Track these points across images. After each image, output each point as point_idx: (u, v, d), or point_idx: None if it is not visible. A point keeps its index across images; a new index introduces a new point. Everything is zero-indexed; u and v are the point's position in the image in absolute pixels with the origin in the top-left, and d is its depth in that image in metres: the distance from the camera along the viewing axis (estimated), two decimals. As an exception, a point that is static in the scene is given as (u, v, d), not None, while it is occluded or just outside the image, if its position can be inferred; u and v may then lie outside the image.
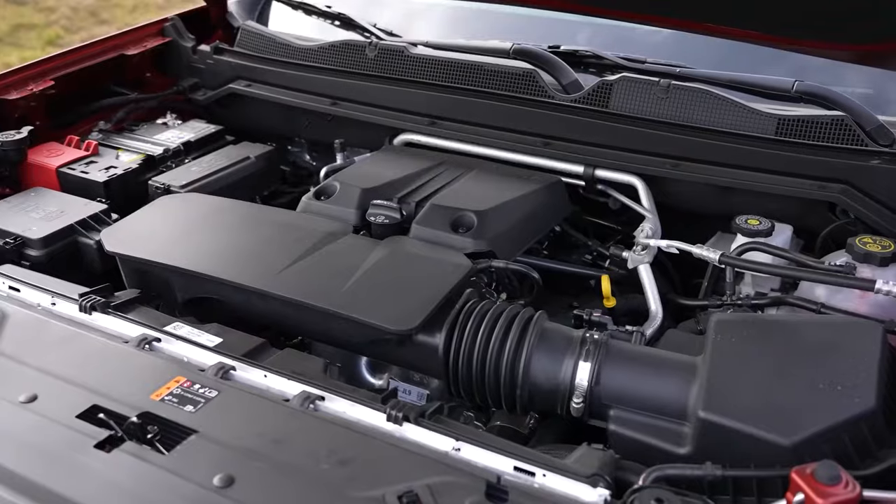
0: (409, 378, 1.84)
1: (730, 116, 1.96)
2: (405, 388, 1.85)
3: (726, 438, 1.30)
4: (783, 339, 1.45)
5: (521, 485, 1.20)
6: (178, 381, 1.38)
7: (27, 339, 1.50)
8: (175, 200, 1.94)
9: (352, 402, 1.35)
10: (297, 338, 1.91)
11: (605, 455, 1.26)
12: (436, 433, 1.28)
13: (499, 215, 1.80)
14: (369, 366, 1.89)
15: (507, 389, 1.46)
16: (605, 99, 2.07)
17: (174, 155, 2.28)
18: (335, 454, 1.23)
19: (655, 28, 2.33)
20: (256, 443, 1.25)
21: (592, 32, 2.63)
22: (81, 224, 1.91)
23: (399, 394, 1.84)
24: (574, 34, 2.57)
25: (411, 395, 1.85)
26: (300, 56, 2.47)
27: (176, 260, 1.67)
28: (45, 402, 1.32)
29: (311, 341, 1.90)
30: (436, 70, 2.25)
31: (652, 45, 2.38)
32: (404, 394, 1.85)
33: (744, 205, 1.98)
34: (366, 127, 2.34)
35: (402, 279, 1.60)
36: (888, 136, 1.89)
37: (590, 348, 1.44)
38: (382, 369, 1.88)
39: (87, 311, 1.57)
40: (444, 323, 1.51)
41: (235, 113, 2.61)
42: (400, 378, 1.86)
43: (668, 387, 1.39)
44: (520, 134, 2.13)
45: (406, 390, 1.85)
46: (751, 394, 1.33)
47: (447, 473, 1.19)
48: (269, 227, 1.79)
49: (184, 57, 2.66)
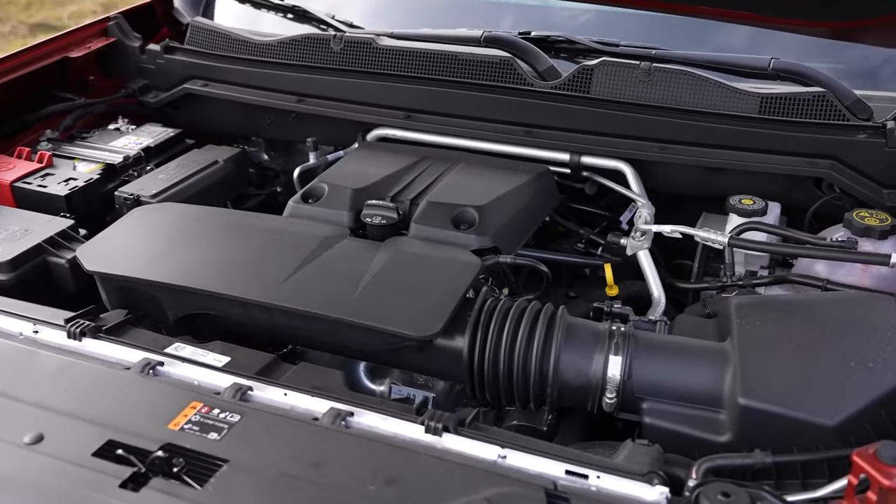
0: (412, 382, 1.79)
1: (713, 97, 1.96)
2: (409, 393, 1.79)
3: (767, 424, 1.29)
4: (805, 318, 1.45)
5: (578, 489, 1.16)
6: (194, 408, 1.29)
7: (17, 372, 1.38)
8: (151, 211, 1.82)
9: (384, 416, 1.29)
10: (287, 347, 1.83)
11: (654, 451, 1.24)
12: (479, 441, 1.23)
13: (498, 209, 1.76)
14: (368, 371, 1.83)
15: (537, 389, 1.42)
16: (586, 84, 2.04)
17: (135, 162, 2.16)
18: (380, 473, 1.17)
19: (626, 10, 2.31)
20: (294, 468, 1.17)
21: (563, 17, 2.62)
22: (50, 242, 1.77)
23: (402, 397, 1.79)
24: (539, 19, 2.55)
25: (416, 398, 1.79)
26: (260, 52, 2.36)
27: (166, 276, 1.57)
28: (53, 441, 1.21)
29: (304, 350, 1.83)
30: (408, 61, 2.18)
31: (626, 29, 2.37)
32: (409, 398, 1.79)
33: (729, 185, 1.99)
34: (335, 123, 2.26)
35: (413, 282, 1.54)
36: (866, 109, 1.93)
37: (618, 341, 1.41)
38: (383, 374, 1.81)
39: (76, 337, 1.46)
40: (465, 325, 1.46)
41: (190, 114, 2.48)
42: (402, 382, 1.80)
43: (701, 375, 1.38)
44: (501, 124, 2.08)
45: (410, 394, 1.79)
46: (786, 377, 1.33)
47: (502, 484, 1.15)
48: (260, 234, 1.70)
49: (131, 57, 2.52)
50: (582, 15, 2.65)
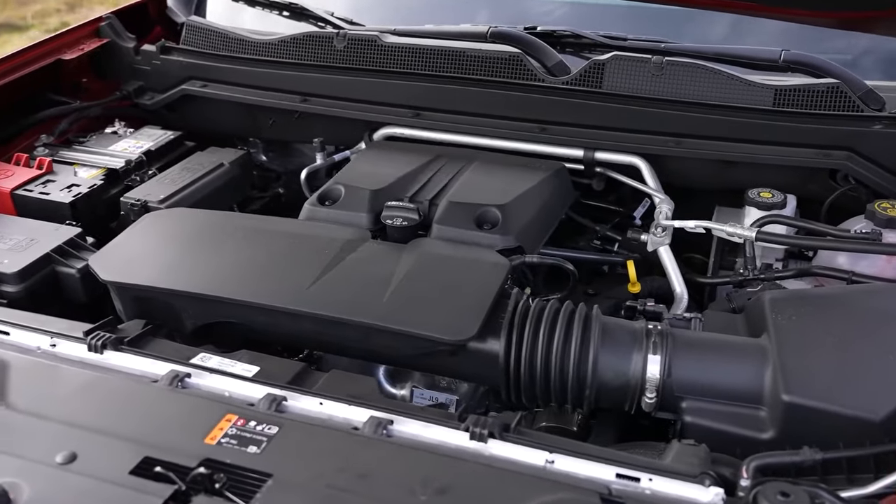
0: (434, 385, 1.76)
1: (727, 90, 1.95)
2: (431, 396, 1.76)
3: (811, 420, 1.28)
4: (840, 312, 1.44)
5: (632, 493, 1.14)
6: (229, 420, 1.25)
7: (40, 389, 1.33)
8: (162, 217, 1.77)
9: (425, 423, 1.26)
10: (302, 352, 1.80)
11: (702, 450, 1.22)
12: (525, 447, 1.21)
13: (520, 208, 1.73)
14: (389, 375, 1.79)
15: (575, 391, 1.40)
16: (597, 79, 2.02)
17: (137, 167, 2.10)
18: (430, 483, 1.14)
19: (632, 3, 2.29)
20: (341, 480, 1.14)
21: (539, 12, 2.60)
22: (58, 252, 1.72)
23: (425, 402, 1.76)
24: (516, 14, 2.52)
25: (440, 401, 1.76)
26: (260, 51, 2.31)
27: (188, 284, 1.52)
28: (87, 460, 1.17)
29: (321, 355, 1.79)
30: (415, 58, 2.15)
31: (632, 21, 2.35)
32: (430, 401, 1.77)
33: (744, 178, 1.98)
34: (340, 123, 2.22)
35: (442, 285, 1.51)
36: (878, 100, 1.93)
37: (656, 340, 1.39)
38: (404, 378, 1.78)
39: (97, 350, 1.41)
40: (497, 327, 1.43)
41: (188, 116, 2.43)
42: (424, 385, 1.77)
43: (740, 372, 1.36)
44: (513, 120, 2.05)
45: (433, 397, 1.77)
46: (827, 372, 1.32)
47: (555, 490, 1.12)
48: (280, 239, 1.66)
49: (125, 58, 2.46)
50: (557, 10, 2.64)
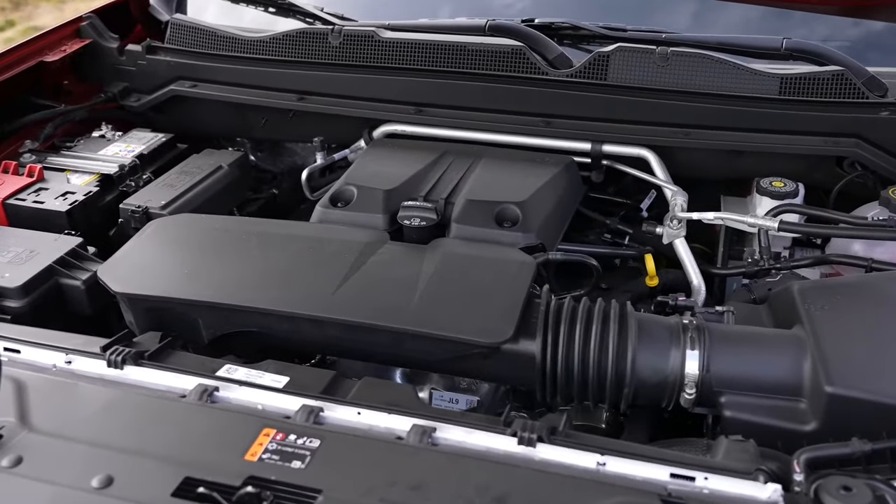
0: (454, 387, 1.73)
1: (733, 79, 1.94)
2: (451, 398, 1.73)
3: (853, 410, 1.28)
4: (871, 300, 1.45)
5: (690, 492, 1.12)
6: (268, 435, 1.20)
7: (62, 409, 1.27)
8: (169, 224, 1.71)
9: (469, 429, 1.23)
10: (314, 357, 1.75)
11: (751, 446, 1.21)
12: (575, 450, 1.19)
13: (538, 204, 1.71)
14: (406, 378, 1.76)
15: (613, 389, 1.38)
16: (602, 71, 2.00)
17: (131, 172, 2.03)
18: (486, 491, 1.11)
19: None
20: (394, 494, 1.11)
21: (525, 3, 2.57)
22: (60, 263, 1.65)
23: (445, 404, 1.73)
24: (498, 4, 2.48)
25: (459, 403, 1.73)
26: (252, 49, 2.24)
27: (208, 294, 1.47)
28: (125, 483, 1.12)
29: (334, 360, 1.75)
30: (415, 54, 2.10)
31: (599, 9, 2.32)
32: (451, 403, 1.74)
33: (751, 167, 1.99)
34: (338, 121, 2.17)
35: (470, 286, 1.48)
36: (881, 86, 1.94)
37: (693, 335, 1.38)
38: (422, 381, 1.75)
39: (117, 365, 1.36)
40: (530, 327, 1.40)
41: (176, 117, 2.36)
42: (443, 387, 1.74)
43: (779, 364, 1.36)
44: (518, 115, 2.03)
45: (453, 399, 1.74)
46: (866, 361, 1.32)
47: (613, 494, 1.10)
48: (295, 243, 1.61)
49: (108, 59, 2.37)
50: (518, 2, 2.61)
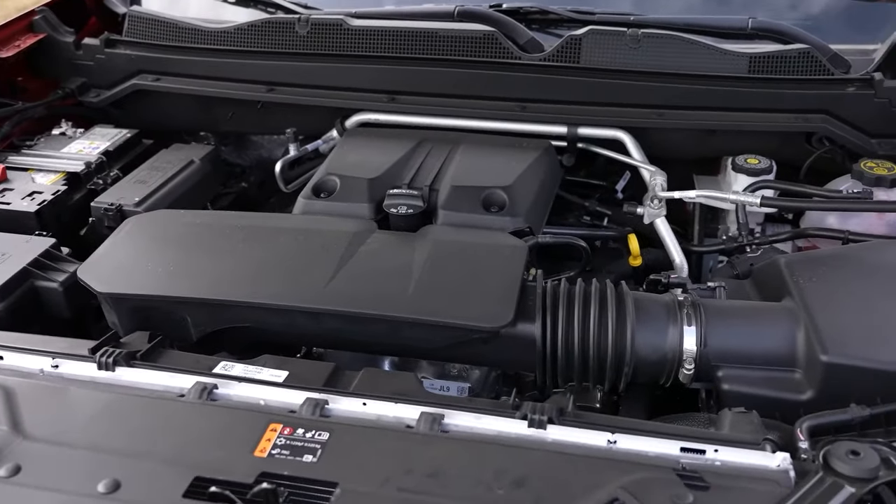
0: (445, 374, 1.72)
1: (704, 60, 1.96)
2: (442, 386, 1.72)
3: (849, 377, 1.31)
4: (855, 271, 1.48)
5: (703, 465, 1.14)
6: (275, 430, 1.18)
7: (56, 415, 1.23)
8: (148, 221, 1.66)
9: (477, 414, 1.23)
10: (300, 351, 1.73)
11: (754, 417, 1.23)
12: (585, 430, 1.19)
13: (523, 188, 1.71)
14: (393, 368, 1.75)
15: (614, 368, 1.39)
16: (575, 54, 2.01)
17: (98, 169, 1.97)
18: (503, 476, 1.11)
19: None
20: (412, 482, 1.10)
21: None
22: (35, 265, 1.60)
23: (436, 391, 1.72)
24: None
25: (450, 391, 1.73)
26: (217, 40, 2.19)
27: (196, 290, 1.43)
28: (133, 486, 1.09)
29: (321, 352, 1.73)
30: (386, 41, 2.08)
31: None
32: (441, 391, 1.73)
33: (723, 146, 2.02)
34: (308, 111, 2.14)
35: (465, 272, 1.47)
36: (845, 62, 1.98)
37: (689, 312, 1.40)
38: (411, 369, 1.73)
39: (108, 367, 1.32)
40: (528, 311, 1.40)
41: (138, 112, 2.29)
42: (433, 375, 1.73)
43: (773, 337, 1.38)
44: (493, 100, 2.02)
45: (444, 387, 1.73)
46: (858, 329, 1.35)
47: (629, 471, 1.11)
48: (282, 236, 1.58)
49: (64, 54, 2.29)
50: None
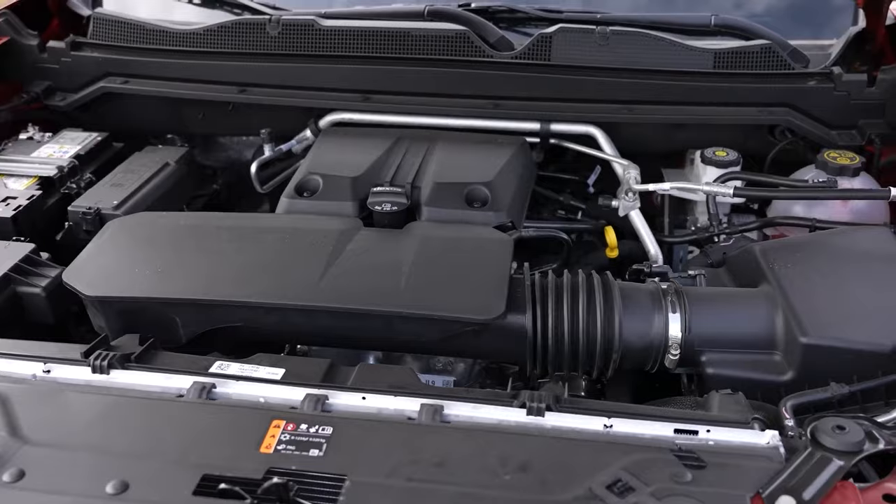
0: (430, 369, 1.74)
1: (670, 56, 2.02)
2: (428, 379, 1.75)
3: (827, 358, 1.37)
4: (828, 256, 1.55)
5: (698, 445, 1.18)
6: (278, 426, 1.19)
7: (54, 419, 1.22)
8: (130, 224, 1.65)
9: (475, 404, 1.25)
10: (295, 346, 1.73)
11: (741, 398, 1.28)
12: (582, 415, 1.23)
13: (503, 183, 1.74)
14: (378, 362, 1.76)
15: (602, 356, 1.43)
16: (546, 52, 2.05)
17: (71, 173, 1.94)
18: (507, 462, 1.14)
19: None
20: (419, 472, 1.12)
21: None
22: (16, 271, 1.58)
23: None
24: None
25: (435, 384, 1.75)
26: (186, 42, 2.17)
27: (187, 291, 1.43)
28: (141, 487, 1.09)
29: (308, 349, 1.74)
30: (358, 41, 2.09)
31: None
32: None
33: (690, 139, 2.08)
34: (281, 112, 2.14)
35: (454, 266, 1.50)
36: (804, 57, 2.06)
37: (673, 299, 1.45)
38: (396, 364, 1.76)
39: (103, 370, 1.31)
40: (519, 302, 1.44)
41: (106, 115, 2.27)
42: (418, 369, 1.75)
43: (753, 321, 1.44)
44: (466, 98, 2.05)
45: (429, 381, 1.75)
46: (834, 311, 1.41)
47: (629, 453, 1.15)
48: (269, 235, 1.58)
49: (28, 57, 2.25)
50: None
